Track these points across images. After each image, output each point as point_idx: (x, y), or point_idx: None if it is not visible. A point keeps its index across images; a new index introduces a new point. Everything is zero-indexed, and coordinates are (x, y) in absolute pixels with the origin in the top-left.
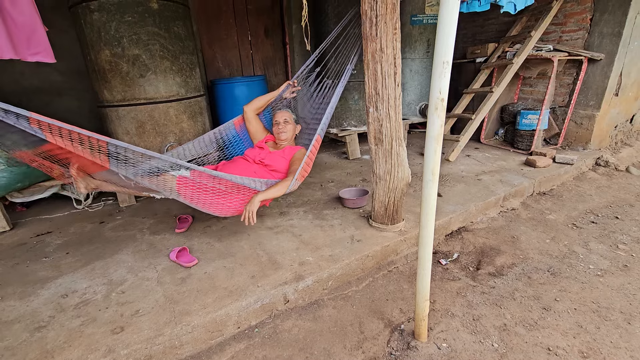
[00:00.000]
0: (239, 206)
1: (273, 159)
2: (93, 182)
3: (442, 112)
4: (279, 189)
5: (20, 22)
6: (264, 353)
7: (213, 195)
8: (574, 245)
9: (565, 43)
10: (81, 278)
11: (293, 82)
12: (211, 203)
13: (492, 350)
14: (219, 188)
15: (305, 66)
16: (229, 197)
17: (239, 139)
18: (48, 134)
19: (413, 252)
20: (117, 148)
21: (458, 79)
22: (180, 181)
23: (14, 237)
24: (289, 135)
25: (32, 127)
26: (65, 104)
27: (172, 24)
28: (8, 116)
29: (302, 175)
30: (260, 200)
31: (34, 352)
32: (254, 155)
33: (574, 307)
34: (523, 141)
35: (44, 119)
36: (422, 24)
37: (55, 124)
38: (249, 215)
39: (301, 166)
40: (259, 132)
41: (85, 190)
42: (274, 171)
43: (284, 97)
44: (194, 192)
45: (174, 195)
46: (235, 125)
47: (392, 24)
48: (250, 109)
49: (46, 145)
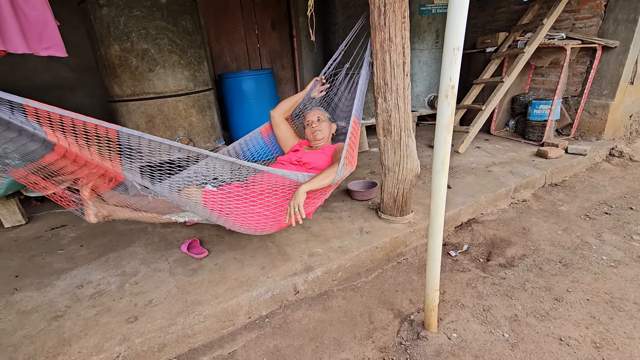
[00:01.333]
0: (279, 215)
1: (311, 156)
2: (104, 209)
3: (452, 100)
4: (326, 176)
5: (32, 16)
6: (275, 342)
7: (246, 202)
8: (586, 237)
9: (579, 31)
10: (95, 269)
11: (321, 79)
12: (245, 213)
13: (503, 340)
14: (252, 190)
15: (333, 60)
16: (265, 203)
17: (267, 150)
18: (48, 129)
19: (422, 243)
20: (130, 139)
21: (468, 69)
22: (207, 193)
23: (29, 231)
24: (326, 134)
25: (29, 121)
26: (76, 100)
27: (179, 17)
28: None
29: (349, 160)
30: (306, 192)
31: (52, 341)
32: (288, 158)
33: (586, 298)
34: (534, 132)
35: (41, 105)
36: (431, 13)
37: (56, 112)
38: (295, 211)
39: (345, 149)
40: (290, 138)
41: (95, 219)
42: (314, 169)
43: (312, 96)
44: (223, 202)
45: (199, 209)
46: (262, 135)
47: (400, 12)
48: (278, 112)
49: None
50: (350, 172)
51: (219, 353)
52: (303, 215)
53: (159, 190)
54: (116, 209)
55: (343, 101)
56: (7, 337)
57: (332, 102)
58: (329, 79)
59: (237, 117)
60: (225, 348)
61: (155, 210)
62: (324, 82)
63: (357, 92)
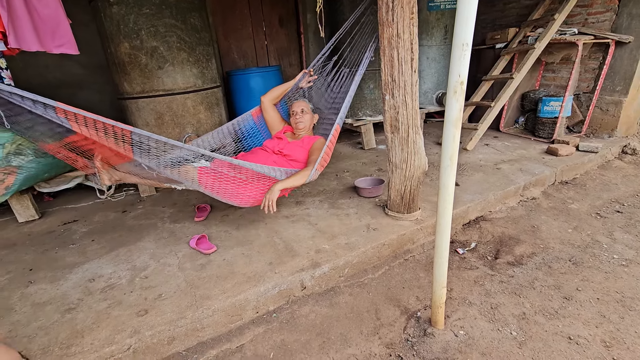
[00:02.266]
0: (259, 195)
1: (292, 148)
2: (116, 174)
3: (461, 96)
4: (298, 178)
5: (45, 15)
6: (282, 337)
7: (234, 184)
8: (597, 235)
9: (591, 26)
10: (106, 264)
11: (309, 71)
12: (232, 192)
13: (511, 338)
14: (239, 177)
15: (322, 55)
16: (249, 187)
17: (256, 130)
18: (74, 124)
19: (429, 241)
20: (140, 137)
21: (477, 66)
22: (201, 171)
23: (42, 225)
24: (307, 125)
25: (58, 116)
26: (87, 97)
27: (188, 15)
28: (36, 106)
29: (322, 165)
30: (280, 189)
31: (65, 332)
32: (272, 145)
33: (596, 297)
34: (545, 129)
35: (70, 108)
36: (440, 9)
37: (81, 114)
38: (269, 204)
39: (321, 156)
40: (277, 122)
41: (108, 182)
42: (293, 161)
43: (300, 86)
44: (214, 181)
45: (195, 185)
46: (252, 116)
47: (409, 8)
48: (267, 99)
49: (72, 137)
50: (320, 172)
51: (227, 347)
52: (274, 209)
53: (162, 170)
54: (126, 175)
55: (329, 92)
56: (22, 328)
57: (319, 91)
58: (316, 71)
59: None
60: (234, 342)
61: (158, 180)
62: (312, 74)
63: (345, 99)
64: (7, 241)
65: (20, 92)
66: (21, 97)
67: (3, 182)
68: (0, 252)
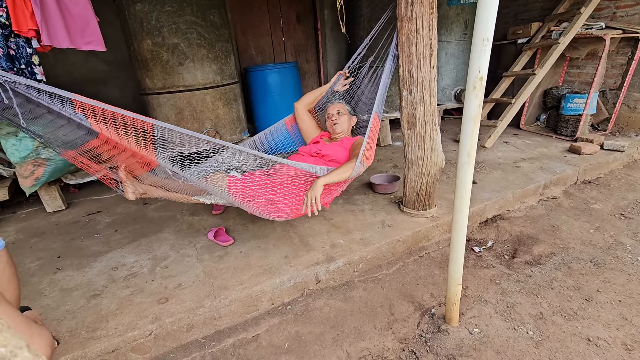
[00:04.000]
0: (297, 204)
1: (330, 149)
2: (141, 187)
3: (480, 92)
4: (343, 171)
5: (75, 13)
6: (297, 329)
7: (267, 190)
8: (621, 236)
9: (620, 20)
10: (129, 253)
11: (344, 73)
12: (265, 201)
13: (527, 337)
14: (273, 181)
15: (357, 54)
16: (285, 193)
17: (290, 140)
18: (92, 121)
19: (445, 238)
20: (162, 132)
21: (497, 61)
22: (230, 179)
23: (69, 216)
24: (345, 127)
25: (76, 112)
26: (110, 93)
27: (208, 12)
28: (54, 101)
29: (367, 157)
30: (323, 185)
31: (91, 317)
32: (308, 149)
33: (618, 299)
34: (567, 127)
35: (87, 100)
36: (460, 4)
37: (99, 106)
38: (312, 202)
39: (364, 145)
40: (312, 129)
41: (133, 197)
42: (332, 161)
43: (335, 90)
44: (245, 189)
45: (225, 194)
46: (286, 125)
47: (428, 3)
48: (301, 104)
49: (92, 141)
50: (367, 167)
51: (244, 336)
52: (319, 207)
53: (188, 177)
54: (151, 188)
55: (366, 94)
56: (52, 312)
57: (355, 95)
58: (352, 73)
59: (261, 110)
60: (250, 332)
61: (185, 192)
62: (347, 75)
63: (380, 87)
64: (36, 230)
65: (36, 85)
66: (38, 91)
67: (33, 173)
68: (31, 240)
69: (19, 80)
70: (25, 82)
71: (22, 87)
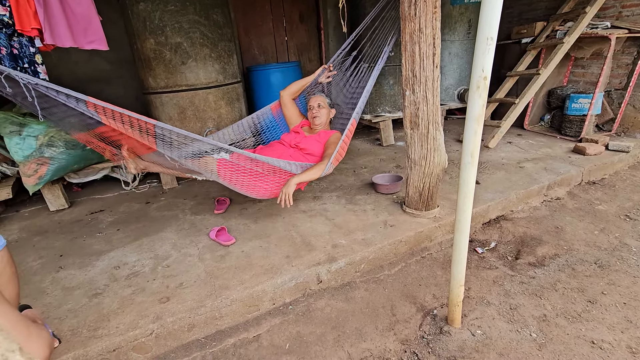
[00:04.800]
0: (275, 189)
1: (308, 142)
2: (142, 163)
3: (484, 92)
4: (314, 172)
5: (78, 12)
6: (298, 329)
7: (250, 177)
8: (626, 238)
9: (626, 19)
10: (131, 252)
11: (329, 67)
12: (249, 185)
13: (530, 340)
14: (256, 170)
15: (342, 50)
16: (266, 179)
17: (275, 124)
18: (103, 116)
19: (447, 239)
20: (163, 130)
21: (501, 61)
22: (220, 163)
23: (71, 214)
24: (323, 120)
25: (89, 109)
26: (114, 92)
27: (211, 11)
28: (69, 100)
29: (337, 159)
30: (296, 183)
31: (93, 315)
32: (290, 139)
33: (623, 302)
34: (572, 127)
35: (99, 102)
36: (464, 3)
37: (109, 107)
38: (285, 198)
39: (336, 150)
40: (295, 116)
41: (134, 171)
42: (309, 155)
43: (319, 81)
44: (232, 173)
45: (214, 176)
46: (272, 111)
47: (432, 2)
48: (286, 93)
49: (101, 128)
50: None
51: (245, 336)
52: (291, 202)
53: (184, 162)
54: (150, 165)
55: (347, 87)
56: (54, 310)
57: (337, 86)
58: (336, 67)
59: None
60: (251, 332)
61: (180, 170)
62: (331, 69)
63: (363, 94)
64: (39, 228)
65: (56, 87)
66: (56, 92)
67: (36, 172)
68: (34, 238)
69: (41, 82)
70: (46, 84)
71: (42, 87)
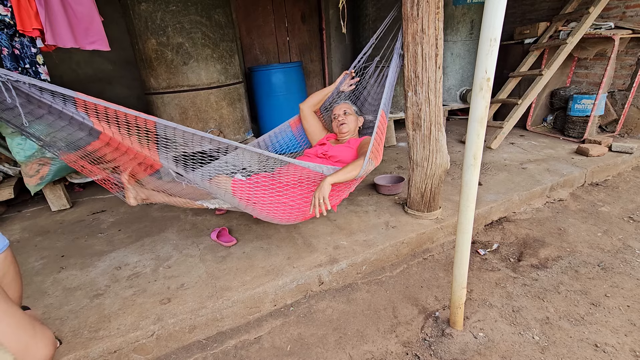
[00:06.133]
0: (303, 205)
1: (337, 150)
2: (143, 192)
3: (487, 93)
4: (351, 169)
5: (79, 13)
6: (299, 331)
7: (272, 192)
8: (629, 240)
9: (630, 20)
10: (132, 253)
11: (350, 72)
12: (271, 203)
13: (533, 342)
14: (278, 182)
15: (363, 53)
16: (291, 194)
17: (295, 142)
18: (95, 120)
19: (450, 240)
20: (165, 130)
21: (503, 62)
22: (235, 182)
23: (73, 214)
24: (352, 127)
25: (79, 112)
26: (115, 92)
27: (212, 11)
28: (56, 100)
29: (375, 155)
30: (331, 184)
31: (94, 316)
32: (314, 151)
33: (626, 305)
34: (575, 128)
35: (89, 98)
36: (466, 3)
37: (101, 104)
38: (321, 202)
39: (372, 143)
40: (318, 130)
41: (134, 202)
42: (339, 162)
43: (341, 90)
44: (250, 191)
45: (229, 197)
46: (291, 127)
47: (434, 2)
48: (307, 105)
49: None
50: (375, 166)
51: (246, 338)
52: (328, 207)
53: (192, 178)
54: (153, 193)
55: (372, 95)
56: (55, 311)
57: (361, 95)
58: (358, 73)
59: (266, 110)
60: (252, 333)
61: (188, 196)
62: (353, 75)
63: (386, 85)
64: (41, 229)
65: (39, 84)
66: (40, 90)
67: (38, 172)
68: (35, 238)
69: (22, 79)
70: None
71: (24, 85)
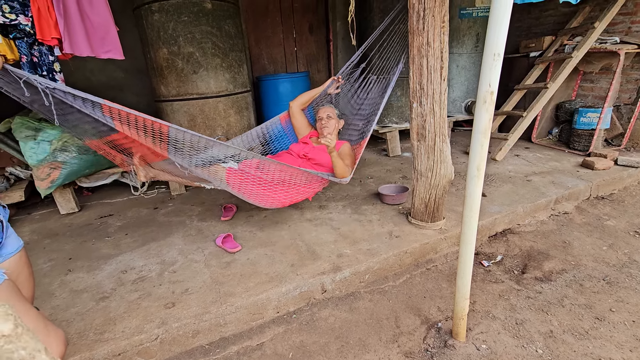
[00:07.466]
0: (283, 199)
1: (317, 153)
2: (152, 171)
3: (490, 106)
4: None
5: (96, 23)
6: (301, 338)
7: (259, 186)
8: (635, 254)
9: (635, 35)
10: (138, 257)
11: (337, 78)
12: (257, 194)
13: (536, 356)
14: (265, 179)
15: (350, 62)
16: (274, 189)
17: (284, 134)
18: (117, 122)
19: (453, 251)
20: (176, 134)
21: (509, 74)
22: (229, 172)
23: (81, 218)
24: (332, 130)
25: (104, 115)
26: (126, 99)
27: (223, 22)
28: (85, 105)
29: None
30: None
31: (100, 319)
32: (298, 149)
33: (632, 320)
34: (580, 141)
35: (114, 105)
36: (472, 17)
37: (124, 110)
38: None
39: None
40: (304, 127)
41: (144, 178)
42: (317, 165)
43: (328, 92)
44: (241, 182)
45: (223, 185)
46: (281, 121)
47: (440, 17)
48: (296, 104)
49: (114, 135)
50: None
51: (248, 344)
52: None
53: (194, 170)
54: (160, 173)
55: (355, 98)
56: (61, 313)
57: (345, 97)
58: (345, 78)
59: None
60: (254, 339)
61: (189, 179)
62: (340, 80)
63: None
64: (50, 231)
65: (73, 92)
66: (73, 97)
67: (49, 176)
68: (44, 241)
69: (59, 87)
70: (63, 88)
71: (59, 92)
